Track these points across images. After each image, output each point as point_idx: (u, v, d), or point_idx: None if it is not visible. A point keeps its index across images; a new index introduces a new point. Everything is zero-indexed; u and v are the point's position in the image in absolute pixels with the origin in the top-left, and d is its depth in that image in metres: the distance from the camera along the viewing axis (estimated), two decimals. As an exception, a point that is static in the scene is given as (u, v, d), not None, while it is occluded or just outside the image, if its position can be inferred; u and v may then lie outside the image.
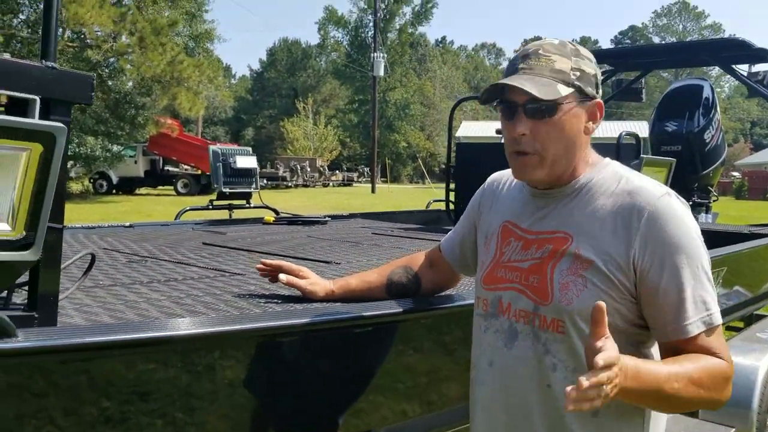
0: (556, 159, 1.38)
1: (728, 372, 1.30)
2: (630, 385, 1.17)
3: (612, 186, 1.39)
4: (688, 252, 1.30)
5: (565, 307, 1.33)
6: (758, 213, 18.52)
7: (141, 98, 22.98)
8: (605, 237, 1.33)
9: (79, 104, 1.40)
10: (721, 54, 5.95)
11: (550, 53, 1.37)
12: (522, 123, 1.36)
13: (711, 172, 7.28)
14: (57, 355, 1.24)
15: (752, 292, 4.04)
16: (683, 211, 1.34)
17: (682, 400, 1.26)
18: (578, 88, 1.36)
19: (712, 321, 1.30)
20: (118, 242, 3.12)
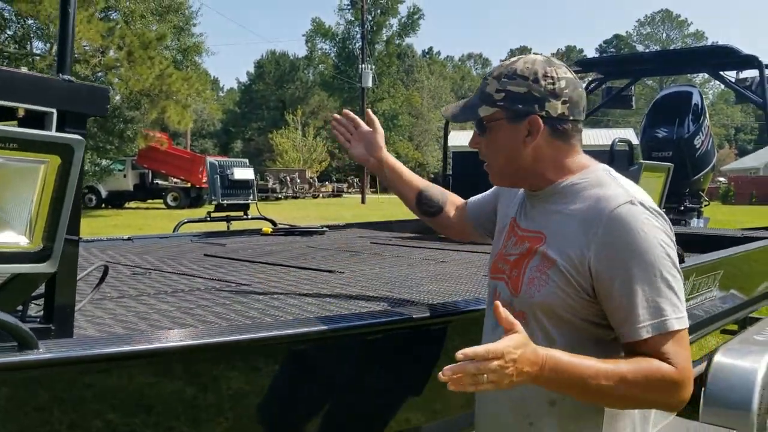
0: (502, 169, 1.55)
1: (672, 376, 1.32)
2: (549, 375, 1.29)
3: (589, 191, 1.46)
4: (644, 258, 1.34)
5: (528, 300, 1.46)
6: (746, 217, 18.70)
7: (130, 112, 22.92)
8: (569, 239, 1.42)
9: (95, 116, 1.41)
10: (709, 61, 6.02)
11: (488, 78, 1.54)
12: (473, 136, 1.59)
13: (702, 177, 7.36)
14: (78, 366, 1.24)
15: (747, 295, 4.08)
16: (645, 218, 1.37)
17: (614, 396, 1.33)
18: (502, 107, 1.50)
19: (665, 327, 1.33)
20: (119, 255, 3.12)
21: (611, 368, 1.31)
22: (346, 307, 1.97)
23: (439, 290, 2.31)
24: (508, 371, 1.24)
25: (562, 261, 1.41)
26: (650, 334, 1.33)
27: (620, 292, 1.35)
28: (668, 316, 1.34)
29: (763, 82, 5.27)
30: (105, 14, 27.36)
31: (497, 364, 1.23)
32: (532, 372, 1.28)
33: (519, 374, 1.26)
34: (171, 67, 22.55)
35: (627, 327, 1.35)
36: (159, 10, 31.66)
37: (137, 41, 20.34)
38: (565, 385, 1.32)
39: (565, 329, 1.43)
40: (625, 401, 1.36)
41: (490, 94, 1.51)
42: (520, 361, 1.26)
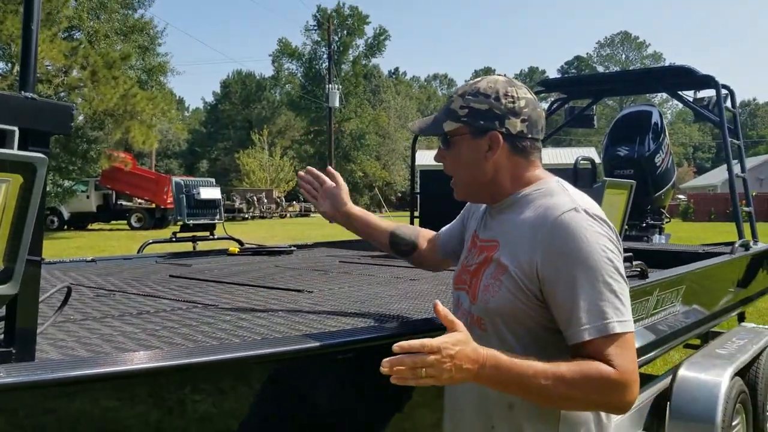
0: (465, 182, 1.63)
1: (612, 377, 1.34)
2: (489, 373, 1.33)
3: (539, 200, 1.53)
4: (586, 263, 1.39)
5: (484, 306, 1.52)
6: (705, 233, 19.11)
7: (93, 132, 22.59)
8: (519, 246, 1.48)
9: (58, 135, 1.39)
10: (668, 81, 6.16)
11: (453, 96, 1.62)
12: (438, 153, 1.67)
13: (663, 194, 7.51)
14: (41, 391, 1.21)
15: (709, 310, 4.16)
16: (588, 224, 1.43)
17: (554, 396, 1.36)
18: (465, 122, 1.58)
19: (607, 329, 1.37)
20: (82, 277, 3.05)
21: (551, 369, 1.34)
22: (315, 326, 1.95)
23: (409, 308, 2.31)
24: (445, 366, 1.28)
25: (512, 267, 1.47)
26: (592, 336, 1.37)
27: (564, 295, 1.40)
28: (610, 319, 1.37)
29: (720, 102, 5.41)
30: (68, 34, 27.08)
31: (434, 359, 1.27)
32: (472, 369, 1.32)
33: (458, 370, 1.30)
34: (135, 87, 22.33)
35: (571, 330, 1.40)
36: (123, 29, 31.47)
37: (101, 61, 20.12)
38: (506, 384, 1.37)
39: (520, 334, 1.48)
40: (567, 402, 1.40)
41: (455, 110, 1.59)
42: (458, 357, 1.30)
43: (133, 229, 28.05)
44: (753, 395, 3.80)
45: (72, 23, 27.00)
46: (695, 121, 13.75)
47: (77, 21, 27.82)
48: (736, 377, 3.50)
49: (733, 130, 5.58)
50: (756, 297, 5.11)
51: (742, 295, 4.77)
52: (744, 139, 5.91)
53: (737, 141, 5.54)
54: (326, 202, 2.08)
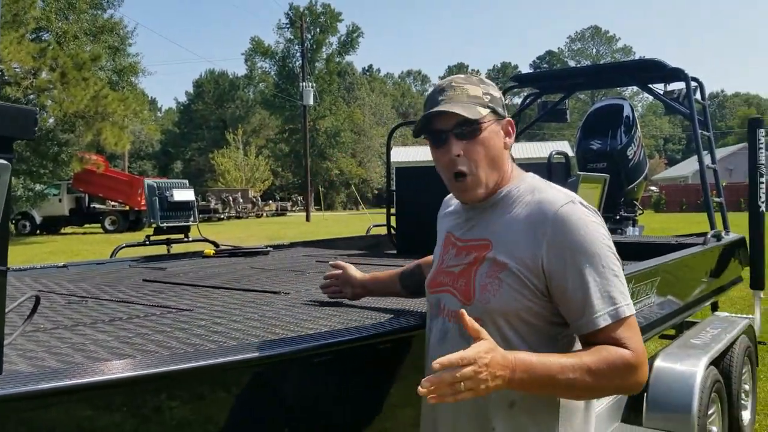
0: (487, 175, 1.55)
1: (630, 360, 1.38)
2: (520, 377, 1.33)
3: (527, 197, 1.54)
4: (591, 252, 1.42)
5: (483, 306, 1.48)
6: (678, 224, 19.41)
7: (64, 135, 22.23)
8: (518, 242, 1.48)
9: (21, 139, 1.35)
10: (638, 74, 6.22)
11: (461, 84, 1.56)
12: (456, 145, 1.53)
13: (635, 186, 7.60)
14: (10, 405, 1.17)
15: (683, 300, 4.21)
16: (586, 215, 1.47)
17: (582, 387, 1.37)
18: (492, 108, 1.55)
19: (618, 314, 1.40)
20: (53, 283, 2.99)
21: (576, 361, 1.37)
22: (293, 329, 1.93)
23: (388, 307, 2.30)
24: (482, 376, 1.28)
25: (513, 263, 1.46)
26: (607, 323, 1.39)
27: (574, 286, 1.41)
28: (620, 303, 1.41)
29: (689, 94, 5.48)
30: (36, 35, 26.58)
31: (472, 370, 1.26)
32: (505, 376, 1.32)
33: (493, 378, 1.30)
34: (106, 88, 22.01)
35: (584, 318, 1.41)
36: (93, 30, 30.98)
37: (71, 62, 19.79)
38: (537, 385, 1.36)
39: (522, 331, 1.47)
40: (593, 390, 1.41)
41: (478, 96, 1.54)
42: (492, 365, 1.29)
43: (107, 232, 27.69)
44: (728, 384, 3.86)
45: (40, 24, 26.51)
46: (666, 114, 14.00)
47: (45, 22, 27.33)
48: (710, 367, 3.56)
49: (703, 121, 5.66)
50: (728, 286, 5.19)
51: (715, 284, 4.84)
52: (713, 130, 6.00)
53: (707, 132, 5.61)
54: (348, 290, 2.25)
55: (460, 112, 1.49)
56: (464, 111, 1.49)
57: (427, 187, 4.26)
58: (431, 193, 1.81)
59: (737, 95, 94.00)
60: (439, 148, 1.56)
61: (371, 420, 1.93)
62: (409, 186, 4.57)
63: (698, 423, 3.23)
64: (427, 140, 1.59)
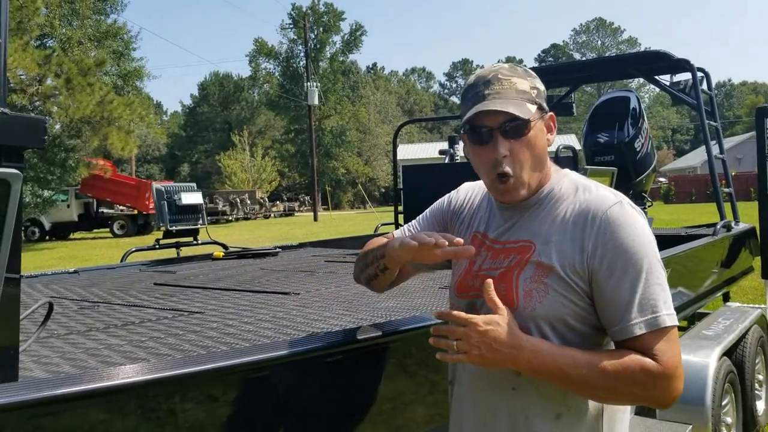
0: (530, 176, 1.45)
1: (654, 371, 1.31)
2: (528, 358, 1.31)
3: (571, 195, 1.46)
4: (637, 257, 1.35)
5: (529, 314, 1.39)
6: (688, 215, 19.31)
7: (71, 141, 22.30)
8: (564, 243, 1.40)
9: (32, 148, 1.36)
10: (645, 66, 6.20)
11: (509, 77, 1.44)
12: (502, 144, 1.42)
13: (644, 179, 7.54)
14: (26, 411, 1.18)
15: (694, 292, 4.20)
16: (634, 217, 1.40)
17: (595, 387, 1.33)
18: (539, 104, 1.45)
19: (657, 323, 1.34)
20: (64, 289, 3.01)
21: (593, 360, 1.32)
22: (304, 329, 1.94)
23: (397, 306, 2.30)
24: (473, 341, 1.30)
25: (559, 266, 1.39)
26: (643, 332, 1.33)
27: (615, 290, 1.35)
28: (660, 313, 1.34)
29: (696, 84, 5.46)
30: (41, 42, 26.69)
31: (462, 331, 1.30)
32: (506, 353, 1.31)
33: (489, 350, 1.30)
34: (112, 93, 22.06)
35: (621, 325, 1.35)
36: (97, 35, 31.08)
37: (75, 68, 19.84)
38: (546, 372, 1.33)
39: (568, 336, 1.40)
40: (608, 393, 1.35)
41: (526, 90, 1.44)
42: (489, 336, 1.30)
43: (116, 236, 27.79)
44: (741, 375, 3.84)
45: (44, 31, 26.61)
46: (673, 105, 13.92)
47: (49, 29, 27.43)
48: (723, 357, 3.54)
49: (710, 111, 5.64)
50: (739, 276, 5.17)
51: (726, 275, 4.82)
52: (721, 119, 5.97)
53: (714, 123, 5.58)
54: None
55: (515, 112, 1.39)
56: (517, 110, 1.39)
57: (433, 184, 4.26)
58: (438, 189, 1.79)
59: (744, 84, 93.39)
60: (482, 145, 1.44)
61: (384, 419, 1.93)
62: (416, 183, 4.57)
63: (712, 414, 3.22)
64: (466, 135, 1.49)
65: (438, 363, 1.85)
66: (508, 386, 1.43)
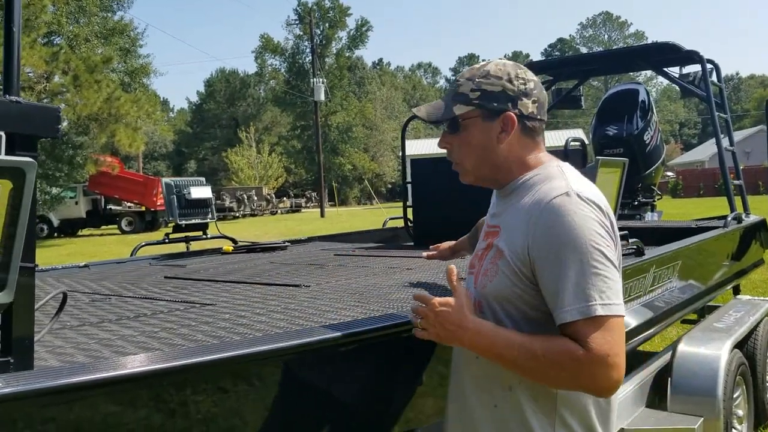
0: (475, 166, 1.62)
1: (579, 357, 1.35)
2: (470, 338, 1.45)
3: (538, 185, 1.54)
4: (572, 246, 1.39)
5: (481, 291, 1.57)
6: (696, 209, 19.22)
7: (78, 137, 22.40)
8: (514, 230, 1.51)
9: (46, 138, 1.37)
10: (653, 58, 6.16)
11: (460, 79, 1.61)
12: (443, 137, 1.65)
13: (653, 171, 7.53)
14: (41, 399, 1.19)
15: (704, 284, 4.18)
16: (578, 206, 1.43)
17: (526, 369, 1.43)
18: (477, 104, 1.57)
19: (589, 311, 1.36)
20: (75, 283, 3.02)
21: (524, 342, 1.41)
22: (316, 320, 1.94)
23: (408, 298, 2.30)
24: (430, 320, 1.48)
25: (508, 252, 1.50)
26: (574, 318, 1.38)
27: (550, 277, 1.42)
28: (594, 302, 1.37)
29: (705, 76, 5.42)
30: (48, 39, 26.79)
31: (423, 310, 1.50)
32: (454, 331, 1.46)
33: (442, 329, 1.47)
34: (119, 90, 22.12)
35: (556, 311, 1.41)
36: (104, 32, 31.18)
37: (83, 65, 19.90)
38: (485, 351, 1.46)
39: (516, 317, 1.51)
40: (540, 375, 1.43)
41: (465, 93, 1.59)
42: (440, 315, 1.46)
43: (124, 233, 27.90)
44: (752, 367, 3.83)
45: (51, 28, 26.70)
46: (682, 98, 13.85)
47: (56, 26, 27.53)
48: (735, 350, 3.52)
49: (720, 104, 5.60)
50: (750, 269, 5.14)
51: (736, 267, 4.80)
52: (730, 113, 5.93)
53: (724, 115, 5.55)
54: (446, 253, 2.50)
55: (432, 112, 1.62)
56: (439, 111, 1.61)
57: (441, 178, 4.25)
58: (446, 184, 1.81)
59: (752, 77, 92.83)
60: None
61: (396, 408, 1.93)
62: (424, 177, 4.56)
63: (724, 406, 3.20)
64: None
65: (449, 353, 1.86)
66: (473, 355, 1.55)
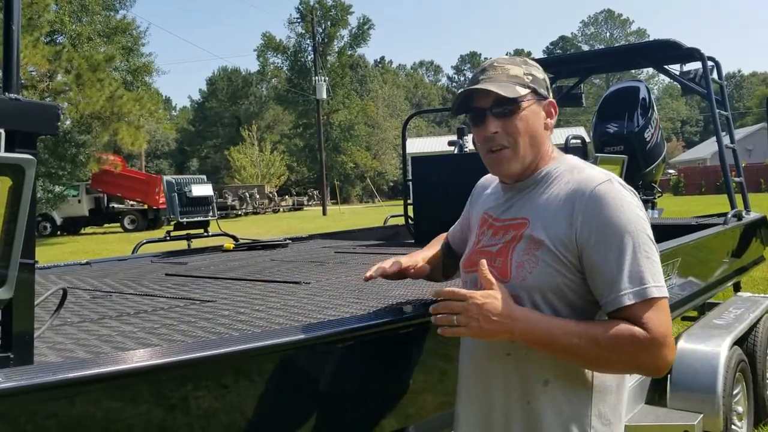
0: (525, 151, 1.56)
1: (642, 339, 1.38)
2: (521, 328, 1.41)
3: (566, 175, 1.56)
4: (623, 231, 1.43)
5: (519, 284, 1.50)
6: (697, 207, 19.17)
7: (81, 136, 22.43)
8: (555, 220, 1.50)
9: (45, 135, 1.38)
10: (654, 55, 6.16)
11: (503, 64, 1.58)
12: (491, 123, 1.55)
13: (653, 169, 7.51)
14: (42, 394, 1.20)
15: (704, 281, 4.18)
16: (622, 194, 1.48)
17: (587, 356, 1.41)
18: (533, 89, 1.57)
19: (645, 294, 1.40)
20: (77, 280, 3.04)
21: (583, 329, 1.40)
22: (315, 316, 1.95)
23: (408, 294, 2.31)
24: (472, 314, 1.40)
25: (549, 240, 1.48)
26: (632, 301, 1.40)
27: (604, 263, 1.43)
28: (648, 284, 1.41)
29: (707, 73, 5.42)
30: (51, 38, 26.83)
31: (461, 305, 1.40)
32: (502, 322, 1.40)
33: (487, 321, 1.40)
34: (121, 89, 22.17)
35: (611, 296, 1.42)
36: (106, 31, 31.21)
37: (85, 64, 19.95)
38: (538, 341, 1.42)
39: (559, 307, 1.49)
40: (599, 362, 1.43)
41: (519, 76, 1.56)
42: (486, 307, 1.40)
43: (126, 231, 27.94)
44: (752, 364, 3.83)
45: (54, 27, 26.74)
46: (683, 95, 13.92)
47: (59, 25, 27.57)
48: (734, 346, 3.53)
49: (721, 101, 5.59)
50: (750, 266, 5.14)
51: (736, 265, 4.79)
52: (731, 110, 5.92)
53: (725, 112, 5.54)
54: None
55: (496, 90, 1.51)
56: (501, 89, 1.51)
57: (443, 176, 4.26)
58: (447, 181, 1.82)
59: (755, 75, 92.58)
60: (477, 126, 1.59)
61: (395, 404, 1.94)
62: (425, 175, 4.56)
63: (723, 403, 3.21)
64: (468, 119, 1.63)
65: (448, 350, 1.87)
66: (503, 352, 1.53)
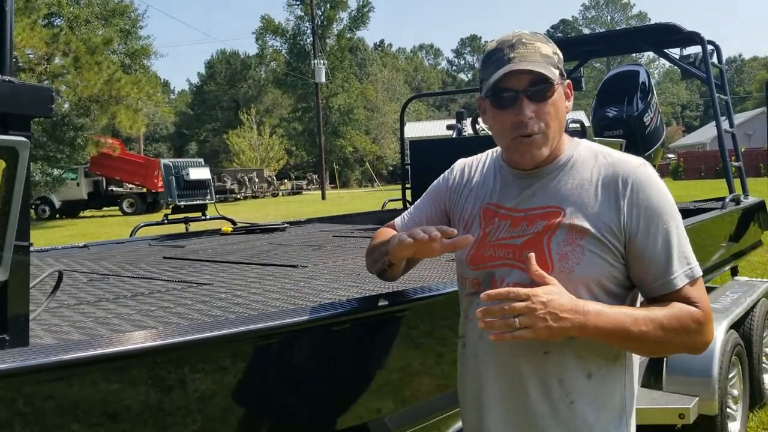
0: (554, 135, 1.46)
1: (700, 318, 1.39)
2: (594, 323, 1.33)
3: (591, 160, 1.49)
4: (669, 214, 1.43)
5: (567, 276, 1.40)
6: (697, 191, 19.17)
7: (79, 119, 22.35)
8: (596, 206, 1.43)
9: (39, 117, 1.37)
10: (654, 39, 6.13)
11: (533, 41, 1.44)
12: (527, 106, 1.41)
13: (653, 153, 7.49)
14: (37, 376, 1.20)
15: (703, 265, 4.17)
16: (658, 177, 1.48)
17: (652, 341, 1.38)
18: (560, 69, 1.47)
19: (693, 273, 1.42)
20: (75, 263, 3.04)
21: (648, 314, 1.38)
22: (311, 299, 1.96)
23: (405, 278, 2.31)
24: (538, 313, 1.28)
25: (595, 228, 1.41)
26: (684, 283, 1.41)
27: (656, 247, 1.41)
28: (693, 264, 1.43)
29: (706, 57, 5.39)
30: (48, 21, 26.66)
31: (524, 305, 1.27)
32: (573, 319, 1.31)
33: (555, 319, 1.29)
34: (119, 72, 22.06)
35: (663, 279, 1.41)
36: (104, 14, 31.01)
37: (83, 47, 19.83)
38: (611, 334, 1.36)
39: (601, 297, 1.42)
40: (661, 345, 1.42)
41: (549, 55, 1.45)
42: (552, 305, 1.29)
43: (125, 214, 27.93)
44: (748, 347, 3.85)
45: (51, 10, 26.58)
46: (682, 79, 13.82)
47: (57, 7, 27.39)
48: (731, 330, 3.54)
49: (720, 85, 5.57)
50: (748, 251, 5.15)
51: (734, 249, 4.80)
52: (731, 95, 5.90)
53: (725, 96, 5.52)
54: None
55: (543, 71, 1.40)
56: (545, 71, 1.40)
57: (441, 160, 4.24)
58: (446, 165, 1.78)
59: (755, 59, 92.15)
60: (505, 109, 1.43)
61: (390, 387, 1.95)
62: (423, 159, 4.56)
63: (719, 386, 3.22)
64: (489, 101, 1.47)
65: (443, 334, 1.88)
66: (540, 351, 1.43)
